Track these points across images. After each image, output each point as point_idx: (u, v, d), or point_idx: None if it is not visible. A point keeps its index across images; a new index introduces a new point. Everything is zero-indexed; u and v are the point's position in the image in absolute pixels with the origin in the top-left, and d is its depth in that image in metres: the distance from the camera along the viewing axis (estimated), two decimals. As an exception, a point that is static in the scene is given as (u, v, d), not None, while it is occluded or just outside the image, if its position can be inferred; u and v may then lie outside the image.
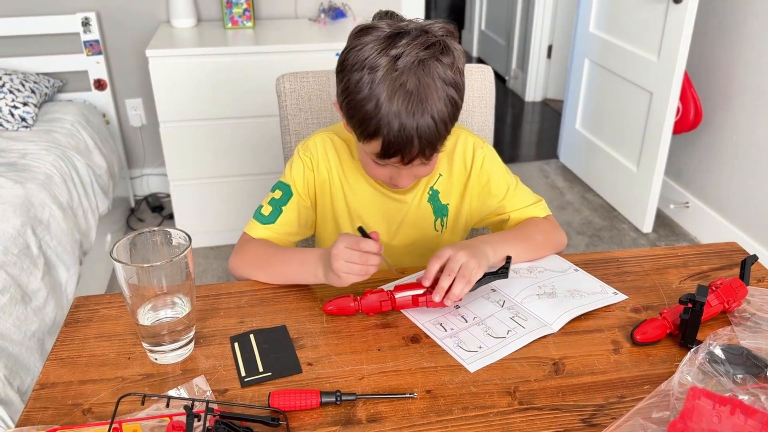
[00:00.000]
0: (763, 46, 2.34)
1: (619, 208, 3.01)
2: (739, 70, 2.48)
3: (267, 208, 1.13)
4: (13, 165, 2.02)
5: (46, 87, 2.54)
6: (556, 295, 1.00)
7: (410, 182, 1.06)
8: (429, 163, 1.01)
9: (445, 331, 0.93)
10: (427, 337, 0.92)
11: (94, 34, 2.65)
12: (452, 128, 0.98)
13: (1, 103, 2.28)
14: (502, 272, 1.00)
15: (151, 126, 2.91)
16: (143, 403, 0.75)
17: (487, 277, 0.99)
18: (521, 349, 0.90)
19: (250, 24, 2.65)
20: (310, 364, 0.87)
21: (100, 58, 2.69)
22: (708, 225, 2.73)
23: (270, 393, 0.79)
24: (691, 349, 0.82)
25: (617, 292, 1.02)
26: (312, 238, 1.31)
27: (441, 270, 0.95)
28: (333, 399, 0.79)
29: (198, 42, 2.47)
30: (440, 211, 1.19)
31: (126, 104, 2.86)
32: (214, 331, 0.93)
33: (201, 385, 0.83)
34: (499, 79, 4.85)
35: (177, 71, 2.34)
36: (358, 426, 0.77)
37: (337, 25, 2.71)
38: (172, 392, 0.82)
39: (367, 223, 1.18)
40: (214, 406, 0.76)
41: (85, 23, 2.62)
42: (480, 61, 5.27)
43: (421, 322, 0.95)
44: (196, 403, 0.73)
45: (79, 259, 2.00)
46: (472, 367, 0.86)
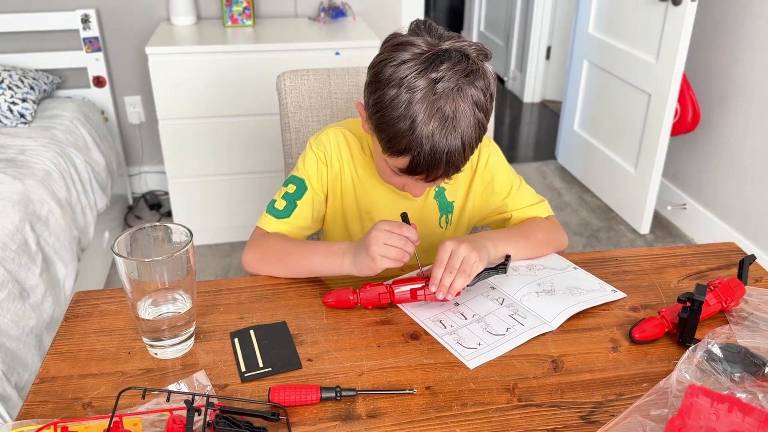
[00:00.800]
0: (762, 48, 2.35)
1: (616, 209, 3.02)
2: (737, 73, 2.49)
3: (281, 203, 1.12)
4: (12, 161, 2.02)
5: (45, 83, 2.54)
6: (555, 293, 1.00)
7: (423, 192, 1.08)
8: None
9: (445, 328, 0.94)
10: (426, 333, 0.93)
11: (93, 31, 2.65)
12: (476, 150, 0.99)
13: (0, 99, 2.27)
14: (501, 268, 1.01)
15: (149, 123, 2.91)
16: (144, 397, 0.76)
17: (486, 272, 0.99)
18: (520, 346, 0.90)
19: (249, 22, 2.65)
20: (310, 360, 0.87)
21: (100, 55, 2.69)
22: (705, 226, 2.74)
23: (270, 388, 0.79)
24: (690, 348, 0.82)
25: (616, 289, 1.03)
26: (319, 232, 1.31)
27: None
28: (333, 394, 0.80)
29: (198, 40, 2.47)
30: (446, 208, 1.20)
31: (125, 101, 2.86)
32: (214, 326, 0.94)
33: (201, 380, 0.83)
34: (498, 80, 4.85)
35: (176, 69, 2.33)
36: (358, 421, 0.77)
37: (337, 24, 2.71)
38: (172, 387, 0.82)
39: (375, 219, 1.18)
40: (215, 401, 0.76)
41: (85, 20, 2.62)
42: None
43: (421, 318, 0.96)
44: (197, 397, 0.74)
45: (77, 256, 2.00)
46: (472, 364, 0.87)
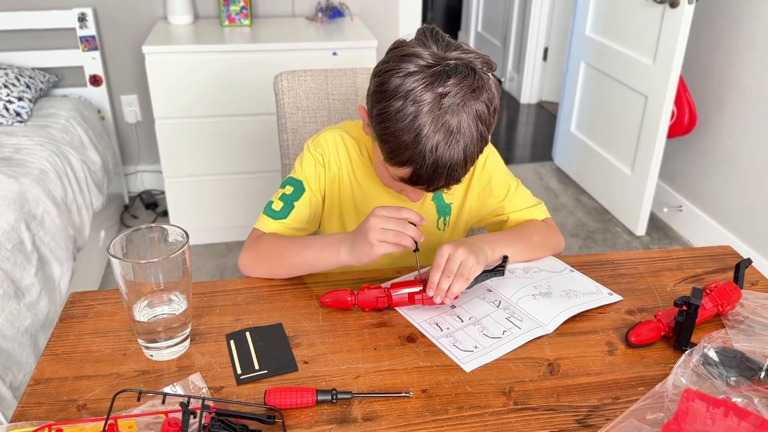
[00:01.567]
0: (759, 51, 2.36)
1: (612, 210, 3.02)
2: (734, 75, 2.49)
3: (278, 204, 1.12)
4: (7, 160, 2.01)
5: (42, 82, 2.53)
6: (551, 296, 1.00)
7: (421, 197, 1.09)
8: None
9: (441, 330, 0.93)
10: (423, 336, 0.92)
11: (90, 30, 2.64)
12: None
13: (-4, 97, 2.26)
14: (499, 270, 1.01)
15: (146, 122, 2.90)
16: (139, 399, 0.75)
17: (483, 275, 0.99)
18: (516, 349, 0.90)
19: (247, 22, 2.65)
20: (306, 362, 0.87)
21: (96, 53, 2.69)
22: (701, 229, 2.75)
23: (266, 391, 0.79)
24: (686, 352, 0.82)
25: (612, 292, 1.03)
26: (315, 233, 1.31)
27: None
28: (329, 397, 0.79)
29: (195, 39, 2.46)
30: (443, 210, 1.20)
31: (121, 100, 2.85)
32: (209, 328, 0.93)
33: (197, 382, 0.83)
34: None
35: (173, 68, 2.33)
36: (354, 424, 0.77)
37: (334, 24, 2.71)
38: (167, 389, 0.81)
39: None
40: (210, 403, 0.76)
41: (82, 19, 2.61)
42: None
43: (417, 321, 0.95)
44: (192, 400, 0.73)
45: (72, 255, 1.99)
46: (468, 367, 0.86)
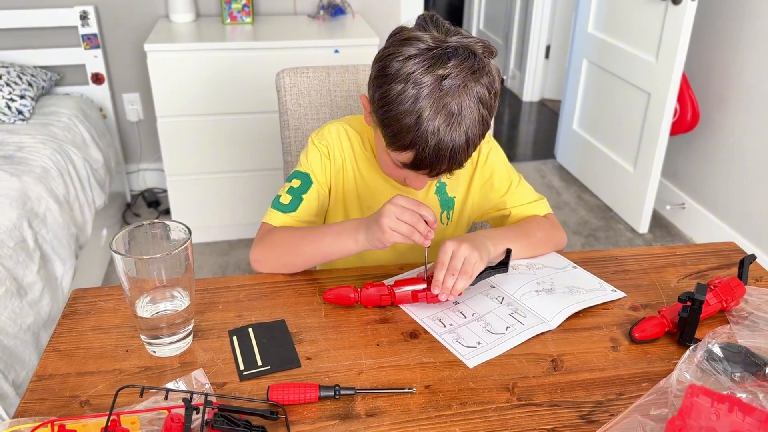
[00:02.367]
0: (761, 48, 2.35)
1: (615, 208, 3.02)
2: (737, 72, 2.48)
3: (286, 197, 1.12)
4: (10, 158, 2.01)
5: (44, 80, 2.53)
6: (554, 292, 1.00)
7: (424, 185, 1.08)
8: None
9: (444, 326, 0.93)
10: (426, 332, 0.92)
11: (92, 28, 2.64)
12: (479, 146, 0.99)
13: (-2, 95, 2.26)
14: (502, 266, 1.01)
15: (148, 121, 2.90)
16: (142, 395, 0.75)
17: (487, 272, 0.99)
18: (520, 345, 0.90)
19: (249, 20, 2.65)
20: (308, 359, 0.87)
21: (98, 51, 2.69)
22: (704, 226, 2.74)
23: (269, 386, 0.79)
24: (690, 347, 0.82)
25: (616, 289, 1.02)
26: None
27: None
28: (332, 393, 0.79)
29: (196, 37, 2.46)
30: (447, 203, 1.19)
31: (123, 98, 2.85)
32: (212, 324, 0.93)
33: (200, 378, 0.82)
34: (497, 79, 4.85)
35: (175, 66, 2.33)
36: (357, 420, 0.77)
37: (336, 22, 2.70)
38: (170, 385, 0.81)
39: None
40: (213, 399, 0.76)
41: (84, 17, 2.61)
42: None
43: (420, 317, 0.95)
44: (195, 395, 0.73)
45: (75, 253, 1.99)
46: (471, 363, 0.86)
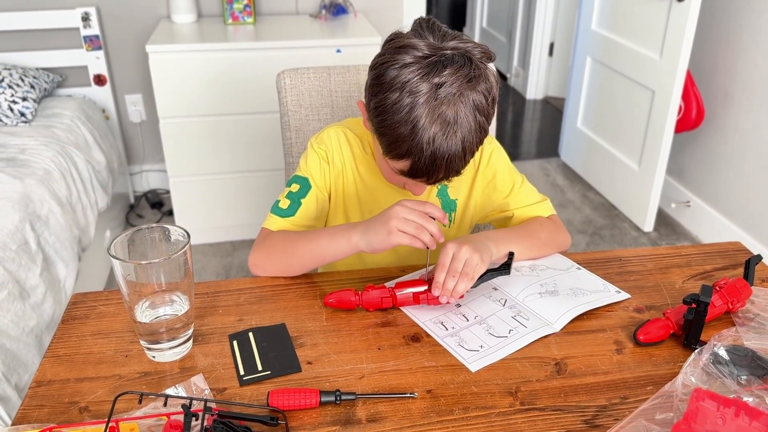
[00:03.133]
0: (766, 44, 2.33)
1: (620, 206, 3.00)
2: (742, 69, 2.46)
3: (285, 202, 1.12)
4: (12, 160, 2.01)
5: (46, 82, 2.53)
6: (558, 294, 0.99)
7: (424, 191, 1.09)
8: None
9: (446, 330, 0.92)
10: (427, 336, 0.91)
11: (94, 29, 2.64)
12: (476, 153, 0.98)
13: (0, 98, 2.26)
14: (505, 269, 0.99)
15: (150, 122, 2.90)
16: (140, 401, 0.74)
17: (489, 274, 0.98)
18: (523, 348, 0.89)
19: (250, 20, 2.64)
20: (309, 363, 0.86)
21: (100, 53, 2.68)
22: (709, 224, 2.72)
23: (269, 392, 0.78)
24: (695, 350, 0.81)
25: (620, 290, 1.01)
26: None
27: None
28: (332, 398, 0.78)
29: (198, 38, 2.46)
30: (448, 205, 1.18)
31: (126, 100, 2.85)
32: (212, 329, 0.92)
33: (199, 384, 0.82)
34: (501, 77, 4.83)
35: (177, 67, 2.32)
36: (358, 426, 0.76)
37: (338, 21, 2.69)
38: (169, 391, 0.81)
39: None
40: (213, 405, 0.75)
41: (85, 18, 2.61)
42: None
43: (422, 320, 0.94)
44: (194, 402, 0.73)
45: (77, 255, 1.99)
46: (474, 367, 0.85)
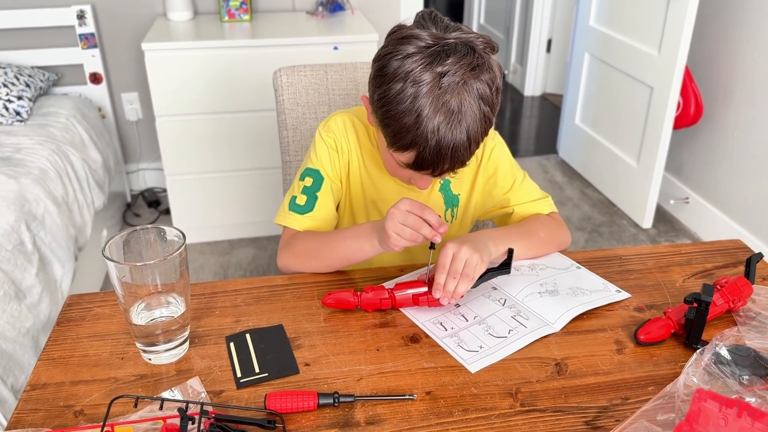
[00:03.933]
0: (765, 40, 2.32)
1: (618, 203, 3.00)
2: (741, 65, 2.46)
3: (302, 198, 1.11)
4: (7, 159, 2.00)
5: (41, 81, 2.51)
6: (558, 293, 0.98)
7: (429, 185, 1.07)
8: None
9: (445, 330, 0.91)
10: (426, 336, 0.91)
11: (89, 27, 2.62)
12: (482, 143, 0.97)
13: (-5, 96, 2.25)
14: (505, 268, 0.99)
15: (147, 120, 2.88)
16: (136, 405, 0.74)
17: (489, 273, 0.97)
18: (523, 349, 0.88)
19: (247, 17, 2.63)
20: (307, 365, 0.85)
21: (96, 51, 2.67)
22: (708, 221, 2.72)
23: (266, 395, 0.77)
24: (697, 350, 0.80)
25: (620, 290, 1.00)
26: None
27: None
28: (331, 400, 0.78)
29: (194, 35, 2.44)
30: (451, 201, 1.18)
31: (122, 98, 2.84)
32: (209, 330, 0.92)
33: (196, 387, 0.81)
34: (498, 74, 4.82)
35: (173, 65, 2.31)
36: (357, 428, 0.75)
37: (335, 18, 2.68)
38: (165, 394, 0.80)
39: (381, 209, 1.17)
40: (209, 409, 0.75)
41: (81, 16, 2.59)
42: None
43: (421, 321, 0.93)
44: (191, 405, 0.72)
45: (74, 255, 1.98)
46: (473, 368, 0.84)
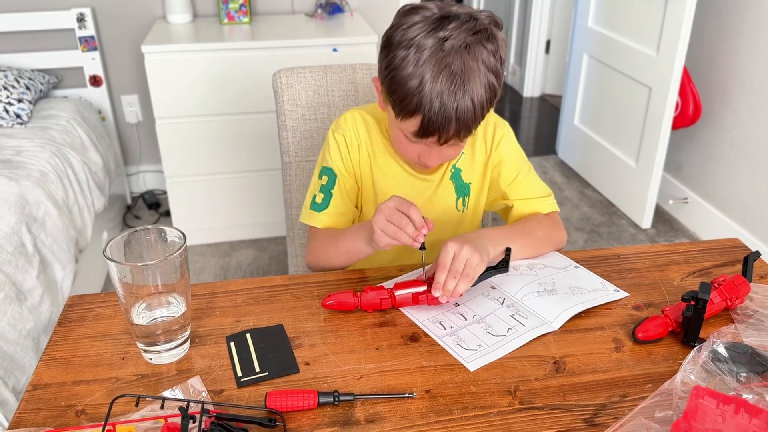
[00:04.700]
0: (763, 40, 2.33)
1: (617, 203, 3.00)
2: (739, 65, 2.46)
3: (320, 196, 1.15)
4: (8, 162, 2.00)
5: (41, 83, 2.52)
6: (556, 292, 0.99)
7: (438, 162, 1.08)
8: (461, 144, 1.03)
9: (445, 329, 0.92)
10: (426, 335, 0.91)
11: (89, 30, 2.63)
12: (487, 113, 0.99)
13: (-4, 99, 2.26)
14: (503, 266, 0.99)
15: (147, 122, 2.89)
16: (137, 404, 0.74)
17: (487, 272, 0.97)
18: (521, 347, 0.88)
19: (246, 19, 2.63)
20: (307, 364, 0.86)
21: (96, 54, 2.68)
22: (707, 221, 2.72)
23: (267, 393, 0.77)
24: (695, 348, 0.81)
25: (618, 289, 1.01)
26: None
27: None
28: (331, 399, 0.78)
29: (194, 38, 2.45)
30: (462, 189, 1.19)
31: (122, 100, 2.84)
32: (209, 330, 0.92)
33: (196, 386, 0.81)
34: (497, 75, 4.83)
35: (173, 67, 2.32)
36: (357, 427, 0.76)
37: (334, 20, 2.69)
38: (167, 393, 0.80)
39: None
40: (210, 407, 0.75)
41: (80, 19, 2.60)
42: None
43: (421, 320, 0.94)
44: (192, 404, 0.72)
45: (74, 257, 1.99)
46: (472, 366, 0.85)
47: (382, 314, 0.95)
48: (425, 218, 0.93)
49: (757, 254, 0.99)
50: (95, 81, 2.72)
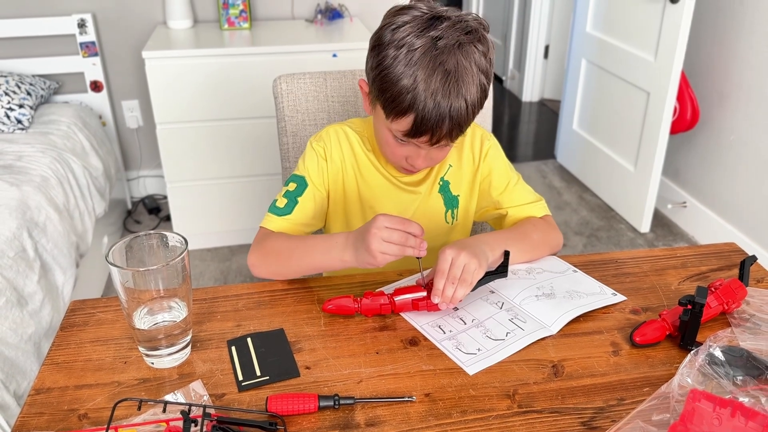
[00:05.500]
0: (760, 45, 2.34)
1: (616, 208, 3.01)
2: (736, 70, 2.48)
3: (282, 201, 1.12)
4: (9, 167, 2.01)
5: (42, 89, 2.53)
6: (554, 296, 0.99)
7: (425, 165, 1.07)
8: (449, 146, 1.03)
9: (444, 333, 0.93)
10: (425, 339, 0.92)
11: (90, 36, 2.64)
12: (477, 114, 1.00)
13: (-3, 105, 2.27)
14: (502, 271, 1.00)
15: (147, 127, 2.90)
16: (140, 408, 0.75)
17: (487, 277, 0.98)
18: (520, 351, 0.89)
19: (246, 25, 2.65)
20: (308, 368, 0.86)
21: (97, 59, 2.69)
22: (705, 225, 2.73)
23: (267, 397, 0.78)
24: (691, 351, 0.81)
25: (616, 293, 1.02)
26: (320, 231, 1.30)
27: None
28: (331, 403, 0.79)
29: (194, 43, 2.46)
30: (451, 202, 1.19)
31: (122, 106, 2.86)
32: (210, 334, 0.93)
33: (198, 390, 0.82)
34: (496, 80, 4.85)
35: (173, 73, 2.33)
36: (357, 430, 0.76)
37: (334, 26, 2.70)
38: (168, 397, 0.81)
39: (378, 212, 1.17)
40: (211, 411, 0.76)
41: (81, 25, 2.61)
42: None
43: (420, 324, 0.95)
44: (193, 408, 0.73)
45: (75, 262, 1.99)
46: (471, 370, 0.86)
47: (381, 318, 0.96)
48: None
49: (754, 258, 1.00)
50: (96, 86, 2.73)
